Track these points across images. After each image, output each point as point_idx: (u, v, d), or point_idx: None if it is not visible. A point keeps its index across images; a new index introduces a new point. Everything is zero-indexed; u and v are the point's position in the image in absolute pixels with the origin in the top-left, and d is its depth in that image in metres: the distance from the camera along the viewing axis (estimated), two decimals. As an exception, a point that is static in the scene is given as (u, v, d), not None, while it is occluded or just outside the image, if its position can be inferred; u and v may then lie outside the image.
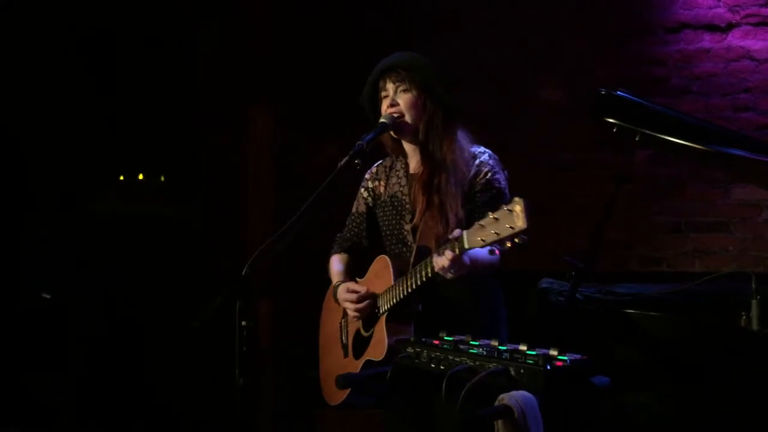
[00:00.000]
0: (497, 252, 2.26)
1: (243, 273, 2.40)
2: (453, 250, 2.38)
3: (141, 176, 4.78)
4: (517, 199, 2.15)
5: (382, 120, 2.71)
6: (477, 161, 2.75)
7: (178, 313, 3.18)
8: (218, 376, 3.13)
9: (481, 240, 2.25)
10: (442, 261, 2.42)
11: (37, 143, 4.59)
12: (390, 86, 2.75)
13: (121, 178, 4.76)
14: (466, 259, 2.41)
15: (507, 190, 2.76)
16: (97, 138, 4.61)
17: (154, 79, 4.72)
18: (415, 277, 2.57)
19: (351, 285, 2.85)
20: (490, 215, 2.22)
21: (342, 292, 2.85)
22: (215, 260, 4.48)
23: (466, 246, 2.32)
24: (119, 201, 4.72)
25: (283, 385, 4.65)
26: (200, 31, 4.82)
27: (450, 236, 2.41)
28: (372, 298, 2.78)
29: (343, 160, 2.58)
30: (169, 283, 4.52)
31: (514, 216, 2.15)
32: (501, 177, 2.76)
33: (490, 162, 2.76)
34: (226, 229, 4.67)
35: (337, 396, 2.89)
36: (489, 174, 2.74)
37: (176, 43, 4.78)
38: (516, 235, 2.16)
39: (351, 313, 2.84)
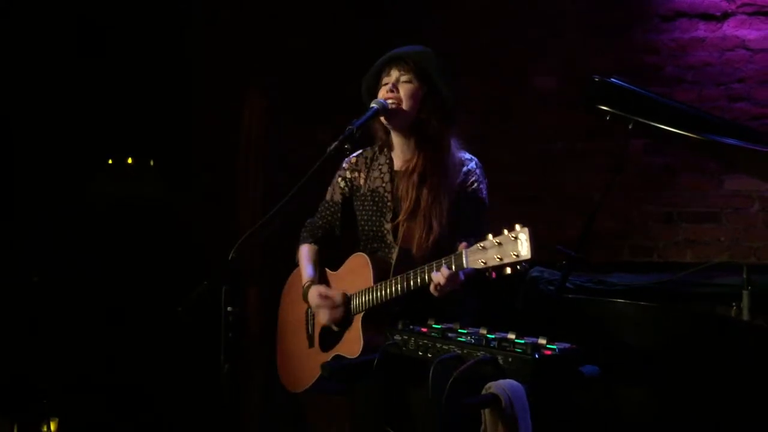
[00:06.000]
0: (494, 275, 2.28)
1: (229, 258, 2.38)
2: (450, 267, 2.39)
3: (130, 160, 4.74)
4: (522, 227, 2.20)
5: (372, 104, 2.67)
6: (465, 168, 2.75)
7: (165, 299, 3.16)
8: (206, 363, 3.11)
9: (482, 262, 2.28)
10: (438, 278, 2.43)
11: (26, 127, 4.54)
12: (394, 74, 2.72)
13: (110, 161, 4.72)
14: (461, 276, 2.43)
15: (487, 201, 2.78)
16: (86, 121, 4.57)
17: (145, 63, 4.68)
18: (404, 284, 2.54)
19: (323, 290, 2.81)
20: (491, 238, 2.26)
21: (314, 297, 2.81)
22: (204, 246, 4.45)
23: (465, 265, 2.35)
24: (108, 184, 4.68)
25: (272, 375, 4.62)
26: (192, 16, 4.77)
27: (460, 249, 2.40)
28: (345, 302, 2.76)
29: (333, 145, 2.56)
30: (156, 268, 4.49)
31: (519, 244, 2.19)
32: (484, 187, 2.78)
33: (477, 171, 2.77)
34: (215, 214, 4.64)
35: (301, 383, 2.88)
36: (476, 183, 2.74)
37: (168, 28, 4.73)
38: (519, 263, 2.21)
39: (323, 319, 2.80)
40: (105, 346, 4.41)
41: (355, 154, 2.92)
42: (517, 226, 2.20)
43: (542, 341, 2.14)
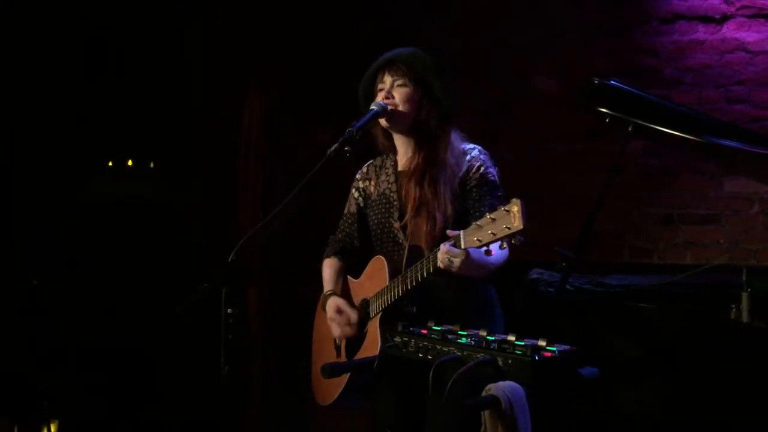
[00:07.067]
0: (492, 252, 2.26)
1: (229, 259, 2.38)
2: (455, 246, 2.37)
3: (130, 162, 4.75)
4: (514, 199, 2.17)
5: (372, 107, 2.68)
6: (468, 157, 2.74)
7: (165, 300, 3.16)
8: (206, 363, 3.11)
9: (478, 240, 2.26)
10: (440, 255, 2.41)
11: (26, 129, 4.54)
12: (387, 79, 2.73)
13: (110, 164, 4.72)
14: (472, 256, 2.39)
15: (500, 184, 2.75)
16: (86, 124, 4.56)
17: (145, 63, 4.67)
18: (413, 276, 2.55)
19: (341, 303, 2.84)
20: (487, 216, 2.24)
21: (331, 309, 2.85)
22: (204, 246, 4.45)
23: (463, 246, 2.33)
24: (108, 184, 4.69)
25: (272, 375, 4.63)
26: (192, 16, 4.77)
27: (449, 233, 2.40)
28: (359, 320, 2.79)
29: (333, 147, 2.56)
30: (156, 268, 4.49)
31: (511, 216, 2.16)
32: (493, 171, 2.76)
33: (481, 157, 2.75)
34: (215, 216, 4.64)
35: (328, 396, 2.88)
36: (482, 168, 2.73)
37: (168, 27, 4.73)
38: (512, 235, 2.18)
39: (334, 333, 2.84)
40: (105, 347, 4.41)
41: (366, 165, 2.96)
42: (512, 200, 2.18)
43: (542, 343, 2.14)
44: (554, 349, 2.12)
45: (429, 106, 2.71)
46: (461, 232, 2.34)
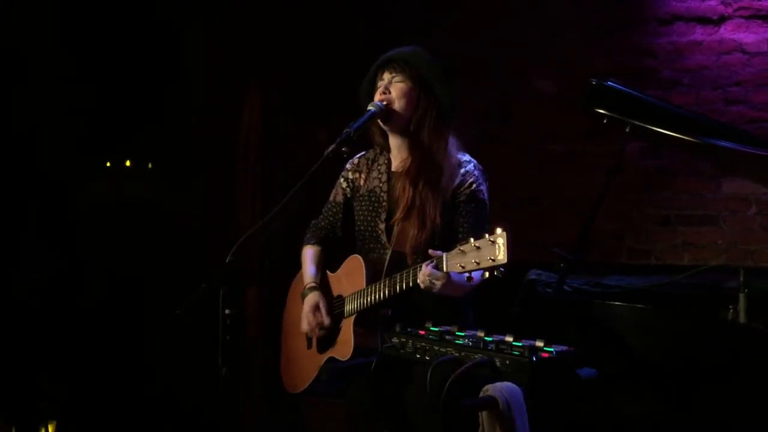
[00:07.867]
0: (474, 279, 2.27)
1: (227, 260, 2.39)
2: (437, 269, 2.37)
3: (128, 163, 4.75)
4: (500, 231, 2.17)
5: (369, 107, 2.69)
6: (463, 170, 2.73)
7: (164, 302, 3.17)
8: (206, 364, 3.12)
9: (460, 266, 2.27)
10: (421, 276, 2.42)
11: (26, 130, 4.53)
12: (386, 76, 2.75)
13: (108, 164, 4.72)
14: (453, 279, 2.39)
15: (488, 203, 2.76)
16: (84, 124, 4.56)
17: (145, 63, 4.67)
18: (393, 287, 2.55)
19: (321, 304, 2.83)
20: (472, 242, 2.23)
21: (308, 304, 2.85)
22: (203, 246, 4.46)
23: (445, 269, 2.33)
24: (107, 185, 4.69)
25: (272, 375, 4.64)
26: (192, 16, 4.77)
27: (431, 253, 2.40)
28: (331, 327, 2.79)
29: (330, 148, 2.57)
30: (155, 269, 4.49)
31: (496, 248, 2.16)
32: (484, 188, 2.76)
33: (476, 173, 2.75)
34: (213, 217, 4.65)
35: (299, 384, 2.91)
36: (474, 185, 2.72)
37: (168, 27, 4.73)
38: (495, 267, 2.18)
39: (303, 328, 2.85)
40: (104, 348, 4.41)
41: (358, 156, 2.94)
42: (498, 230, 2.18)
43: (540, 344, 2.15)
44: (552, 349, 2.13)
45: (427, 104, 2.71)
46: (444, 255, 2.33)
